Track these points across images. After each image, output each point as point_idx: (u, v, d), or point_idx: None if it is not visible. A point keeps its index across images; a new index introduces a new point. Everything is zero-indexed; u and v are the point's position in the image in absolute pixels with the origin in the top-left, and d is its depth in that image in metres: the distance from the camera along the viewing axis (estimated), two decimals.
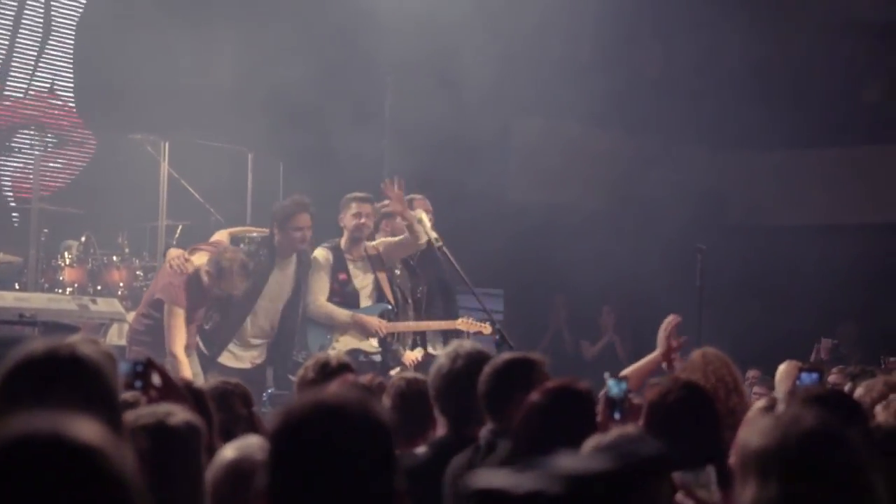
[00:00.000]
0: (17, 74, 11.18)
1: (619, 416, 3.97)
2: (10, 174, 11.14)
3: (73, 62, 11.55)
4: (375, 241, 9.30)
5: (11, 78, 11.13)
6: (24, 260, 9.72)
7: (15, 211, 11.07)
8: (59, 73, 11.49)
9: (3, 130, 10.98)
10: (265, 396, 8.72)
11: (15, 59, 11.13)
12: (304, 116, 11.43)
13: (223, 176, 10.75)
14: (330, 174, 10.75)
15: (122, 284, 9.91)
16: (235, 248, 8.80)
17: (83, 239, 9.84)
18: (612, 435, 3.23)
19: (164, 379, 3.89)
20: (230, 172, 10.91)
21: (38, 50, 11.21)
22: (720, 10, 14.24)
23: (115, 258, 9.98)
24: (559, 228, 13.31)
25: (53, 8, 11.38)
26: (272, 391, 8.99)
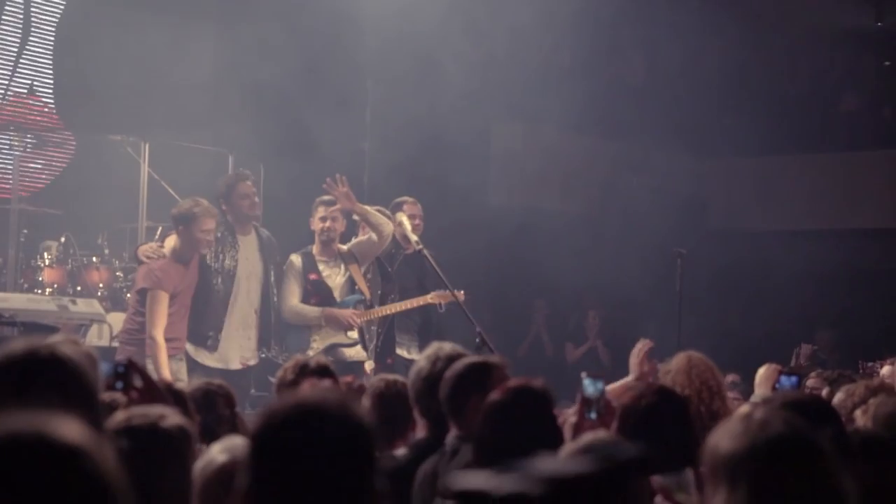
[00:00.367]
0: None
1: (594, 415, 3.97)
2: None
3: (52, 63, 11.52)
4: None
5: None
6: (3, 260, 9.69)
7: None
8: (38, 73, 11.45)
9: None
10: (247, 399, 8.72)
11: None
12: (284, 119, 11.42)
13: (203, 177, 10.72)
14: (310, 177, 10.74)
15: (101, 285, 9.88)
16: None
17: (63, 240, 9.82)
18: (589, 438, 3.24)
19: (145, 380, 3.89)
20: (211, 174, 10.88)
21: (17, 51, 11.18)
22: (701, 17, 14.28)
23: (94, 259, 9.96)
24: (539, 233, 13.33)
25: (33, 9, 11.34)
26: (253, 392, 8.99)
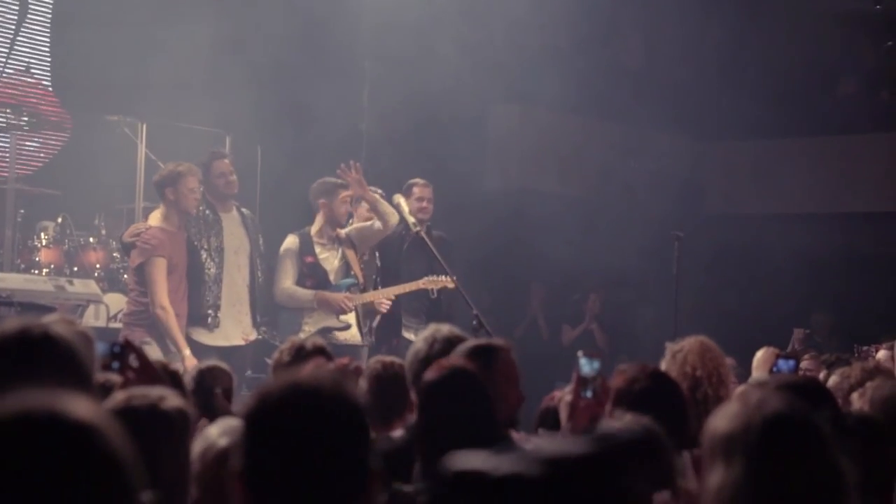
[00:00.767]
0: None
1: (590, 394, 3.96)
2: None
3: (49, 42, 11.49)
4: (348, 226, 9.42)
5: None
6: None
7: None
8: (35, 53, 11.41)
9: None
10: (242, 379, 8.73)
11: None
12: (281, 100, 11.40)
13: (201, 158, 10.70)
14: (308, 158, 10.73)
15: (98, 266, 9.87)
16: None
17: (59, 220, 9.80)
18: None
19: (141, 361, 3.88)
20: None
21: (13, 30, 11.13)
22: (700, 1, 14.27)
23: (91, 240, 9.94)
24: (536, 216, 13.31)
25: None
26: (249, 374, 9.00)
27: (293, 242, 9.23)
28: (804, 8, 15.29)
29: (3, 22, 11.12)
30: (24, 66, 11.29)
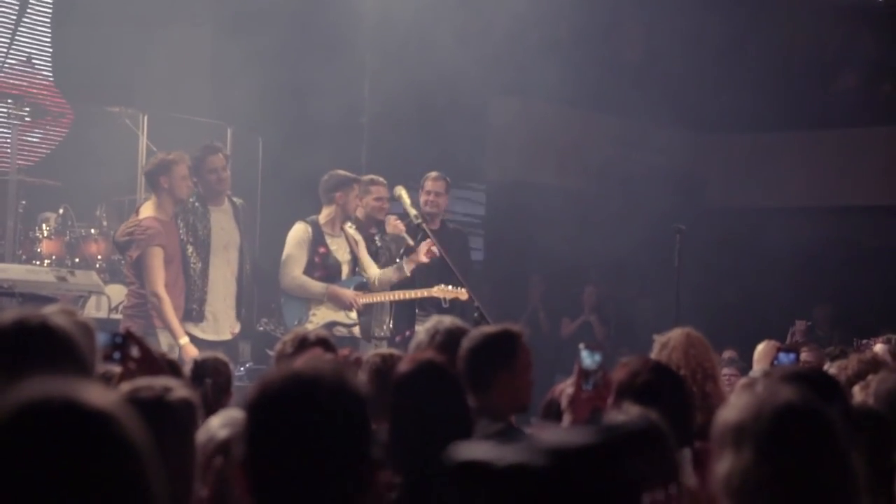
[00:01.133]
0: None
1: (591, 387, 3.96)
2: None
3: (50, 34, 11.47)
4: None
5: None
6: (1, 231, 9.67)
7: None
8: (36, 44, 11.41)
9: None
10: (242, 370, 8.73)
11: None
12: (283, 92, 11.39)
13: None
14: (309, 150, 10.73)
15: (99, 257, 9.87)
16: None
17: (61, 211, 9.79)
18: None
19: (143, 351, 3.89)
20: None
21: (15, 21, 11.12)
22: None
23: (93, 231, 9.94)
24: (537, 208, 13.32)
25: None
26: (250, 365, 8.99)
27: (305, 231, 9.12)
28: (805, 1, 15.29)
29: (4, 13, 11.11)
30: (25, 57, 11.28)
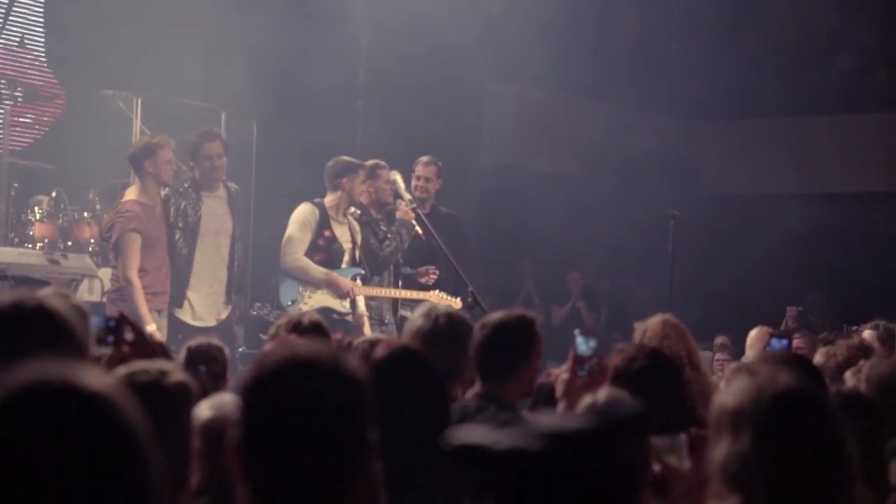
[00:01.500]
0: None
1: (586, 373, 3.95)
2: None
3: (43, 16, 11.43)
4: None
5: None
6: None
7: None
8: (29, 26, 11.37)
9: None
10: (236, 355, 8.72)
11: None
12: (277, 77, 11.36)
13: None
14: (303, 135, 10.71)
15: (92, 241, 9.84)
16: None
17: (53, 194, 9.76)
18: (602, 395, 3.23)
19: (136, 335, 3.88)
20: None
21: (7, 2, 11.08)
22: None
23: (86, 214, 9.90)
24: (531, 194, 13.32)
25: None
26: (243, 350, 8.98)
27: (312, 212, 9.07)
28: None
29: None
30: (18, 39, 11.24)
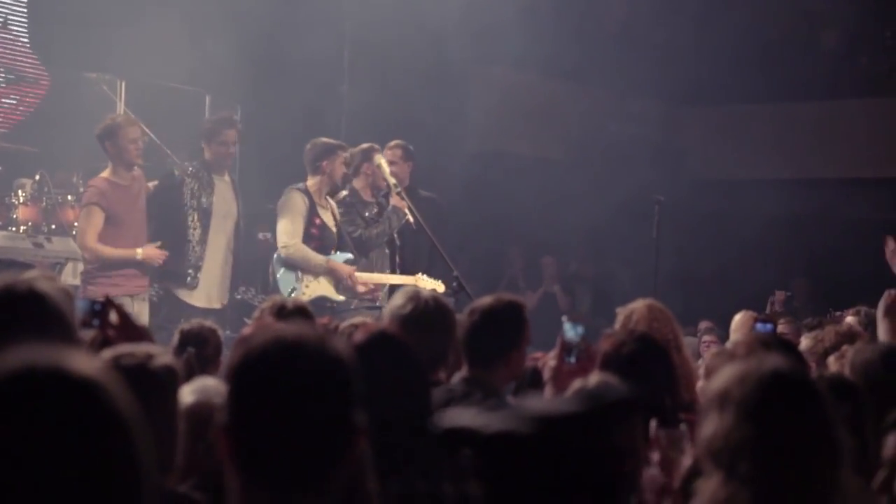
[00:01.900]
0: None
1: (573, 360, 3.96)
2: None
3: None
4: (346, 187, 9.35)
5: None
6: None
7: None
8: (12, 7, 11.30)
9: None
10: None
11: None
12: (262, 60, 11.33)
13: (180, 117, 10.65)
14: (288, 119, 10.69)
15: (76, 224, 9.82)
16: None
17: (37, 177, 9.72)
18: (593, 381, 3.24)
19: (121, 317, 3.86)
20: (187, 114, 10.81)
21: None
22: None
23: (70, 198, 9.87)
24: (516, 179, 13.31)
25: None
26: (228, 333, 8.96)
27: (303, 201, 9.02)
28: None
29: None
30: (1, 21, 11.18)
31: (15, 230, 9.41)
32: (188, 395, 3.48)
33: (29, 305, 2.85)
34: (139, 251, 8.59)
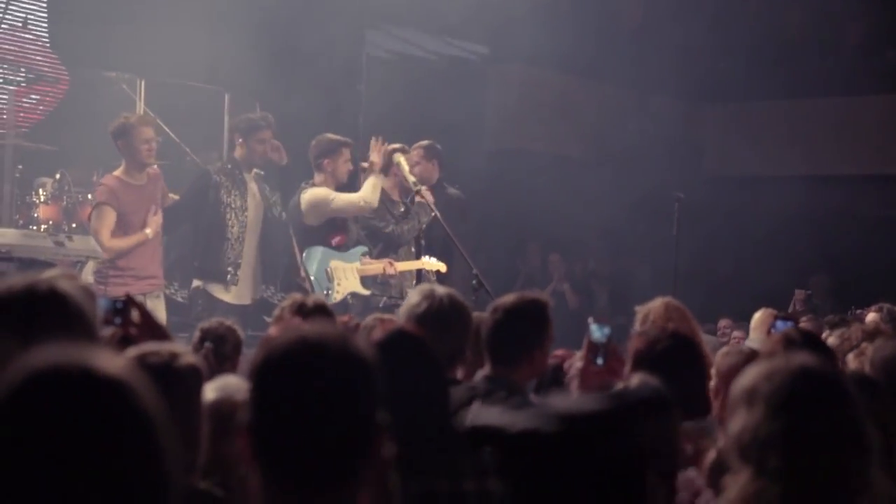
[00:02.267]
0: None
1: (601, 361, 3.94)
2: None
3: None
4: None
5: None
6: None
7: None
8: (32, 7, 11.33)
9: None
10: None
11: None
12: (281, 59, 11.34)
13: (199, 116, 10.66)
14: (306, 118, 10.68)
15: (90, 223, 9.84)
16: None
17: (57, 176, 9.75)
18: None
19: (143, 316, 3.87)
20: (207, 112, 10.82)
21: None
22: None
23: (90, 196, 9.89)
24: (534, 176, 13.30)
25: None
26: (249, 332, 8.98)
27: (328, 195, 9.12)
28: None
29: None
30: (21, 20, 11.21)
31: (36, 229, 9.43)
32: (210, 392, 3.48)
33: (50, 306, 2.84)
34: (148, 230, 8.60)
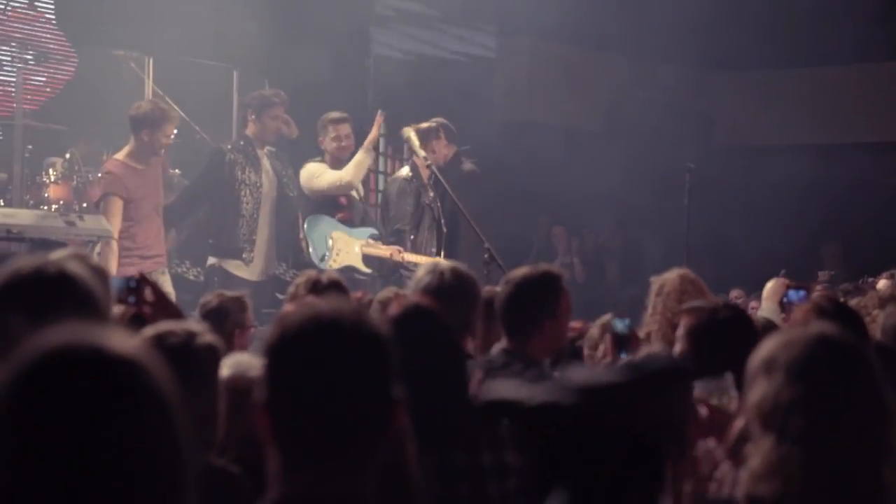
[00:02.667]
0: None
1: (626, 354, 3.91)
2: None
3: None
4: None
5: None
6: (7, 176, 9.62)
7: None
8: None
9: None
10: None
11: None
12: (290, 36, 11.31)
13: (208, 93, 10.64)
14: (315, 94, 10.66)
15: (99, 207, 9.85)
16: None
17: (67, 156, 9.74)
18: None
19: (157, 295, 3.88)
20: (215, 90, 10.80)
21: None
22: None
23: (99, 175, 9.89)
24: (545, 149, 13.27)
25: None
26: (263, 310, 8.99)
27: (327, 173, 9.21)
28: None
29: None
30: (28, 0, 11.19)
31: (47, 209, 9.42)
32: (224, 369, 3.49)
33: (59, 288, 2.83)
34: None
